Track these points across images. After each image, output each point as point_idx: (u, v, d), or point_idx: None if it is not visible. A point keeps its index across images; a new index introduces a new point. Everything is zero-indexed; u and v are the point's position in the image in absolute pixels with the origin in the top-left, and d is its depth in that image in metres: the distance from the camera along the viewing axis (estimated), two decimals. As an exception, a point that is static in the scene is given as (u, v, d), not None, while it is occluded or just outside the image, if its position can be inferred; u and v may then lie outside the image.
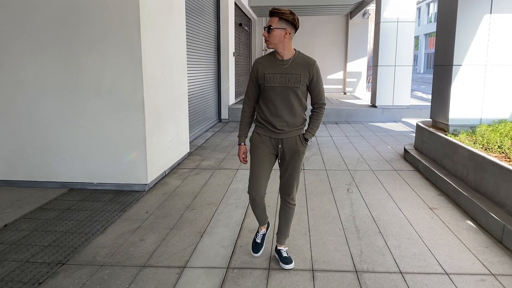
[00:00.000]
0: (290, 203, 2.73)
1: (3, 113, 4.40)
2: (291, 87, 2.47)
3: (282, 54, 2.48)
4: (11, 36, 4.24)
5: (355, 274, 2.66)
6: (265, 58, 2.57)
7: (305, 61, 2.50)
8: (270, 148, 2.61)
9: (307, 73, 2.48)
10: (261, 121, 2.60)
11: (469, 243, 3.11)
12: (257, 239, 2.89)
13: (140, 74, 4.18)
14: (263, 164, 2.60)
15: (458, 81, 5.19)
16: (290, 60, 2.48)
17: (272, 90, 2.49)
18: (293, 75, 2.46)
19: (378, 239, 3.19)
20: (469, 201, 3.73)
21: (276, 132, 2.56)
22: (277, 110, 2.52)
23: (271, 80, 2.48)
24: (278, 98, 2.49)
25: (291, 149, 2.58)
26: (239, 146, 2.72)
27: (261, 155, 2.60)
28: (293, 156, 2.60)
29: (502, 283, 2.54)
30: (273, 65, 2.50)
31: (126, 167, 4.39)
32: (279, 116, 2.52)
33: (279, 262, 2.77)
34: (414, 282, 2.56)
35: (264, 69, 2.51)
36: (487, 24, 5.06)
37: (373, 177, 4.91)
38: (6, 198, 4.15)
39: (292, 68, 2.47)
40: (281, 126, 2.53)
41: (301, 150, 2.60)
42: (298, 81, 2.46)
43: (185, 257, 2.91)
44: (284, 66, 2.48)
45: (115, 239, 3.21)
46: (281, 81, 2.47)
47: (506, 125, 4.65)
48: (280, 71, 2.47)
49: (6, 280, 2.59)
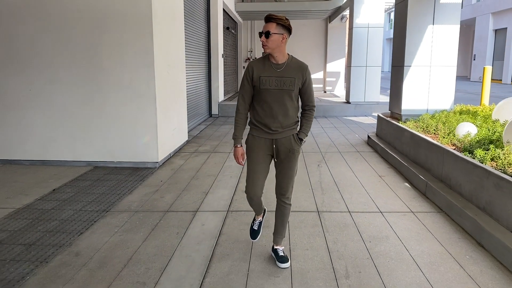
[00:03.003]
0: (285, 203, 2.81)
1: (40, 105, 5.40)
2: (286, 90, 2.57)
3: (277, 58, 2.57)
4: (48, 43, 5.24)
5: (317, 213, 3.79)
6: (259, 61, 2.64)
7: (299, 65, 2.62)
8: (266, 149, 2.69)
9: (300, 76, 2.59)
10: (256, 123, 2.68)
11: (402, 196, 4.29)
12: (254, 226, 3.02)
13: (153, 73, 5.24)
14: (259, 165, 2.70)
15: (408, 79, 6.40)
16: (284, 64, 2.59)
17: (267, 92, 2.58)
18: (288, 78, 2.57)
19: (337, 194, 4.34)
20: (408, 170, 4.93)
21: (270, 133, 2.66)
22: (272, 111, 2.61)
23: (266, 82, 2.57)
24: (273, 100, 2.59)
25: (286, 148, 2.68)
26: (236, 148, 2.74)
27: (257, 157, 2.69)
28: (288, 155, 2.70)
29: (417, 216, 3.72)
30: (268, 68, 2.59)
31: (141, 148, 5.44)
32: (274, 117, 2.61)
33: (276, 261, 2.85)
34: (357, 216, 3.71)
35: (259, 72, 2.59)
36: (431, 33, 6.28)
37: (339, 157, 6.08)
38: (45, 173, 5.15)
39: (287, 71, 2.58)
40: (275, 127, 2.63)
41: (296, 149, 2.70)
42: (293, 84, 2.57)
43: (196, 205, 4.00)
44: (279, 69, 2.58)
45: (141, 197, 4.28)
46: (277, 84, 2.56)
47: (442, 114, 5.87)
48: (275, 74, 2.57)
49: (70, 220, 3.63)
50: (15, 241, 3.21)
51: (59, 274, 2.72)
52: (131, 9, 5.08)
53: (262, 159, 2.70)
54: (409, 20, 6.29)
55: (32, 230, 3.43)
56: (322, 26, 18.11)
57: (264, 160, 2.71)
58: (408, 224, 3.54)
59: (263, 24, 2.55)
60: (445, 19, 6.26)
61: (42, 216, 3.73)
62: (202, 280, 2.65)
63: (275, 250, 2.90)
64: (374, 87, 11.25)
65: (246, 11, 14.08)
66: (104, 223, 3.58)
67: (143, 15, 5.10)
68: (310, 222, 3.58)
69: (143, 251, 3.05)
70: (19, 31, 5.24)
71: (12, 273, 2.73)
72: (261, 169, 2.71)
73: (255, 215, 3.04)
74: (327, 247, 3.09)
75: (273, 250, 2.92)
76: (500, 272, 2.72)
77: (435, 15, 6.26)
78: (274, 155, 2.72)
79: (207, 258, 2.94)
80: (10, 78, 5.36)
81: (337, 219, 3.65)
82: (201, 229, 3.44)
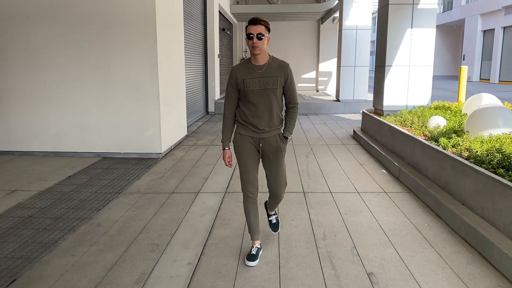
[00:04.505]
0: (278, 198, 3.04)
1: (53, 101, 5.93)
2: (270, 89, 2.67)
3: (260, 60, 2.68)
4: (61, 45, 5.78)
5: (303, 194, 4.37)
6: (241, 65, 2.75)
7: (279, 64, 2.72)
8: (253, 147, 2.81)
9: (282, 74, 2.69)
10: (243, 122, 2.78)
11: (378, 180, 4.88)
12: (252, 251, 2.93)
13: (156, 73, 5.79)
14: (249, 159, 2.81)
15: (389, 77, 7.00)
16: (266, 64, 2.69)
17: (252, 93, 2.67)
18: (270, 77, 2.66)
19: (321, 179, 4.92)
20: (385, 158, 5.52)
21: (257, 132, 2.76)
22: (257, 111, 2.71)
23: (250, 84, 2.66)
24: (258, 101, 2.69)
25: (272, 147, 2.79)
26: (224, 151, 2.86)
27: (247, 153, 2.81)
28: (275, 154, 2.81)
29: (389, 195, 4.30)
30: (251, 71, 2.69)
31: (145, 140, 5.98)
32: (259, 117, 2.71)
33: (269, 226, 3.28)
34: (337, 196, 4.29)
35: (242, 75, 2.69)
36: (409, 35, 6.88)
37: (326, 149, 6.67)
38: (58, 163, 5.69)
39: (269, 71, 2.67)
40: (262, 126, 2.73)
41: (282, 147, 2.82)
42: (275, 83, 2.67)
43: (197, 188, 4.57)
44: (261, 70, 2.68)
45: (148, 182, 4.83)
46: (260, 84, 2.66)
47: (419, 109, 6.47)
48: (258, 75, 2.67)
49: (88, 199, 4.18)
50: (44, 215, 3.75)
51: (86, 239, 3.27)
52: (137, 14, 5.63)
53: (251, 154, 2.81)
54: (390, 24, 6.88)
55: (56, 207, 3.97)
56: (315, 27, 18.72)
57: (253, 155, 2.82)
58: (380, 201, 4.12)
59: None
60: (422, 23, 6.86)
61: (63, 197, 4.28)
62: (205, 242, 3.21)
63: (268, 216, 3.28)
64: (362, 86, 11.87)
65: (241, 13, 14.65)
66: (118, 202, 4.13)
67: (148, 19, 5.64)
68: (297, 200, 4.15)
69: (154, 222, 3.60)
70: (35, 34, 5.76)
71: (46, 238, 3.28)
72: (252, 163, 2.81)
73: (252, 239, 2.98)
74: (309, 218, 3.67)
75: (267, 215, 3.29)
76: (450, 235, 3.31)
77: (413, 19, 6.86)
78: (261, 154, 2.85)
79: (209, 227, 3.51)
80: (27, 77, 5.89)
81: (320, 198, 4.22)
82: (202, 206, 4.01)
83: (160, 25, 5.81)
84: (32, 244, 3.18)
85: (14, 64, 5.86)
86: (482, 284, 2.58)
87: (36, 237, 3.30)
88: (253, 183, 2.83)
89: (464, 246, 3.10)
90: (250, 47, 2.61)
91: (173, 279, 2.67)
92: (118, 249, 3.10)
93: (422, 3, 6.81)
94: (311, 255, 2.99)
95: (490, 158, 3.50)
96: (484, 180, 3.24)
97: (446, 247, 3.10)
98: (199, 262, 2.89)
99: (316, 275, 2.70)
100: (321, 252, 3.02)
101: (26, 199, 4.21)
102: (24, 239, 3.27)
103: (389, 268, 2.79)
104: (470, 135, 4.36)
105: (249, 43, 2.61)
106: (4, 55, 5.85)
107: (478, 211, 3.31)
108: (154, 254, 3.01)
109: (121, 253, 3.02)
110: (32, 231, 3.41)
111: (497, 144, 3.70)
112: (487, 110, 4.46)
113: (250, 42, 2.59)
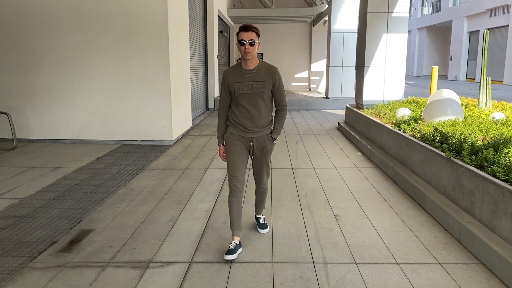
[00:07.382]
0: (262, 187, 3.27)
1: (80, 96, 6.96)
2: (258, 93, 2.79)
3: (250, 64, 2.79)
4: (87, 48, 6.80)
5: (291, 169, 5.43)
6: (233, 69, 2.87)
7: (268, 69, 2.84)
8: (243, 145, 2.97)
9: (270, 79, 2.81)
10: (234, 122, 2.94)
11: (353, 160, 5.95)
12: (231, 246, 2.92)
13: (168, 73, 6.83)
14: (237, 156, 2.95)
15: (368, 76, 8.09)
16: (255, 69, 2.80)
17: (241, 96, 2.80)
18: (259, 82, 2.78)
19: (307, 159, 5.99)
20: (361, 143, 6.60)
21: (247, 132, 2.92)
22: (247, 113, 2.85)
23: (240, 88, 2.78)
24: (248, 103, 2.82)
25: (260, 146, 2.98)
26: (219, 147, 3.09)
27: (236, 151, 2.96)
28: (263, 153, 3.02)
29: (359, 169, 5.38)
30: (241, 74, 2.80)
31: (159, 130, 7.02)
32: (248, 118, 2.86)
33: (257, 227, 3.42)
34: (319, 170, 5.36)
35: (233, 79, 2.81)
36: (385, 39, 7.97)
37: (313, 138, 7.74)
38: (85, 149, 6.71)
39: (258, 76, 2.78)
40: (251, 127, 2.88)
41: (270, 147, 3.02)
42: (263, 87, 2.79)
43: (206, 166, 5.62)
44: (250, 75, 2.78)
45: (165, 162, 5.87)
46: (249, 88, 2.78)
47: (392, 103, 7.56)
48: (247, 79, 2.78)
49: (119, 173, 5.22)
50: (87, 184, 4.79)
51: (125, 198, 4.31)
52: (152, 23, 6.66)
53: (240, 152, 2.96)
54: (369, 30, 7.97)
55: (95, 178, 5.01)
56: (307, 30, 19.82)
57: (242, 153, 2.97)
58: (352, 173, 5.20)
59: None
60: (396, 29, 7.95)
61: (98, 172, 5.31)
62: (216, 199, 4.27)
63: (257, 218, 3.46)
64: (349, 84, 12.98)
65: (238, 16, 15.70)
66: (143, 175, 5.18)
67: (161, 27, 6.68)
68: (286, 173, 5.22)
69: (175, 188, 4.65)
70: (65, 40, 6.79)
71: (94, 197, 4.32)
72: (240, 160, 2.95)
73: (233, 235, 2.99)
74: (295, 184, 4.73)
75: (256, 218, 3.48)
76: (400, 193, 4.39)
77: (388, 26, 7.95)
78: (251, 152, 3.03)
79: (218, 190, 4.56)
80: (57, 75, 6.91)
81: (304, 172, 5.30)
82: (212, 178, 5.06)
83: (171, 32, 6.85)
84: (85, 201, 4.21)
85: (47, 65, 6.88)
86: (414, 220, 3.66)
87: (86, 197, 4.33)
88: (238, 178, 2.94)
89: (408, 200, 4.19)
90: (242, 52, 2.74)
91: (196, 219, 3.72)
92: (151, 203, 4.14)
93: (396, 12, 7.91)
94: (295, 205, 4.05)
95: (434, 137, 4.59)
96: (425, 152, 4.33)
97: (395, 200, 4.18)
98: (212, 211, 3.95)
99: (298, 216, 3.77)
100: (303, 204, 4.09)
101: (69, 173, 5.24)
102: (77, 197, 4.31)
103: (351, 212, 3.87)
104: (425, 121, 5.45)
105: (241, 49, 2.73)
106: (38, 57, 6.86)
107: (421, 175, 4.40)
108: (180, 206, 4.06)
109: (154, 205, 4.07)
110: (82, 193, 4.44)
111: (439, 127, 4.78)
112: (439, 101, 5.55)
113: (242, 48, 2.71)
